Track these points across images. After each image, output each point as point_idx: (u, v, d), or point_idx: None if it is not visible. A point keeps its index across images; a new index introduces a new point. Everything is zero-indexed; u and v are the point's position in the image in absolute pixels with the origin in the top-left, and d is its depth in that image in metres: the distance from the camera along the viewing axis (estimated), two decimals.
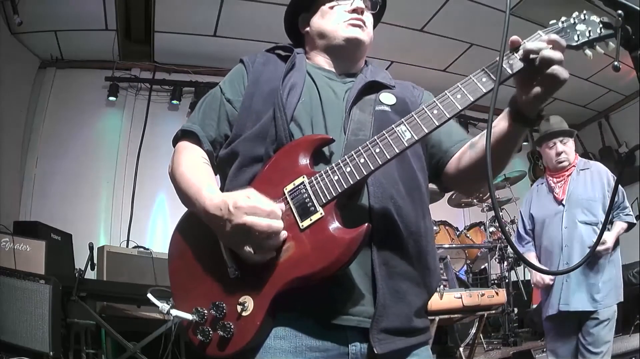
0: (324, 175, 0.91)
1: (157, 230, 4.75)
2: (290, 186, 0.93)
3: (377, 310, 0.92)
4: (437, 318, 2.74)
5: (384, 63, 5.49)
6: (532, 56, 0.90)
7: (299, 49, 1.21)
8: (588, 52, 0.94)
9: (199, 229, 0.98)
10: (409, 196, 1.02)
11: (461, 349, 3.06)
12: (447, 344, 3.35)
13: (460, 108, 0.94)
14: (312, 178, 0.92)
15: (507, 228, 4.45)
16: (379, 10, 1.24)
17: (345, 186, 0.90)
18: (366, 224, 0.85)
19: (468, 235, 4.40)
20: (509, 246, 3.91)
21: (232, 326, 0.89)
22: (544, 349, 2.92)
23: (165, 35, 4.71)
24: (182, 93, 5.13)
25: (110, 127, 5.00)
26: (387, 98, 1.10)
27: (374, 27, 1.25)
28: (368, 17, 1.18)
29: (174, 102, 5.12)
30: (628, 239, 5.63)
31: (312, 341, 0.92)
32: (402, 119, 0.93)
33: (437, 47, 5.08)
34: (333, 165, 0.92)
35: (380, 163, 0.90)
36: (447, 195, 4.43)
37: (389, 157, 0.90)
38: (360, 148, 0.92)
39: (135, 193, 4.73)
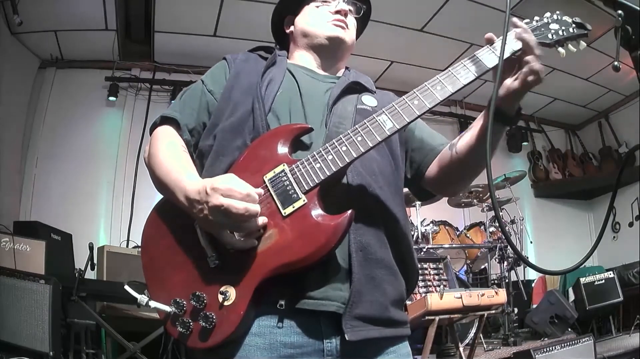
0: (305, 163, 0.91)
1: None
2: (270, 174, 0.92)
3: (351, 296, 0.91)
4: (437, 318, 2.74)
5: (384, 63, 5.50)
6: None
7: (281, 51, 1.24)
8: (561, 49, 0.99)
9: (173, 219, 0.97)
10: (387, 187, 1.03)
11: (461, 349, 3.05)
12: (447, 344, 3.35)
13: (440, 99, 0.95)
14: (294, 165, 0.92)
15: (507, 228, 4.45)
16: (363, 17, 1.28)
17: (328, 174, 0.90)
18: (350, 210, 0.85)
19: (468, 235, 4.40)
20: (509, 246, 3.91)
21: (214, 316, 0.86)
22: (544, 349, 2.92)
23: (165, 35, 4.71)
24: None
25: (110, 127, 5.00)
26: (368, 100, 1.13)
27: (359, 33, 1.28)
28: (351, 20, 1.21)
29: (174, 102, 5.11)
30: (628, 239, 5.66)
31: (286, 338, 0.90)
32: (383, 109, 0.95)
33: (437, 47, 5.07)
34: (314, 153, 0.92)
35: (362, 151, 0.91)
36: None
37: (370, 145, 0.91)
38: (341, 136, 0.92)
39: (135, 193, 4.73)
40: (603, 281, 4.12)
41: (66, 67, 4.96)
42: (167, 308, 0.89)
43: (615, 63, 0.85)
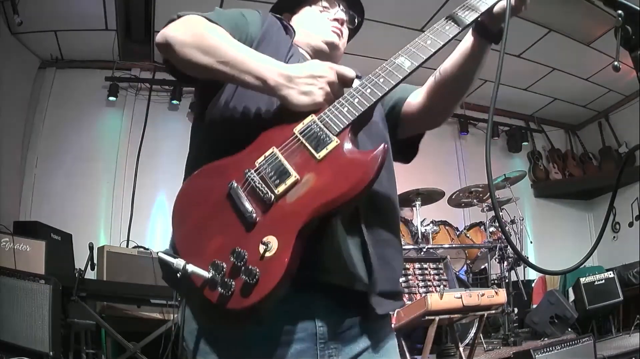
0: (333, 109, 0.93)
1: (157, 230, 4.76)
2: (299, 126, 0.92)
3: (372, 274, 0.95)
4: (437, 318, 2.74)
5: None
6: None
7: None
8: None
9: (203, 190, 0.93)
10: (385, 172, 1.04)
11: (461, 349, 3.05)
12: (447, 344, 3.35)
13: (450, 36, 1.00)
14: (322, 114, 0.93)
15: (507, 228, 4.45)
16: (354, 28, 1.36)
17: (356, 114, 0.91)
18: (383, 144, 0.86)
19: (468, 235, 4.40)
20: (509, 246, 3.91)
21: (257, 269, 0.81)
22: (544, 349, 2.92)
23: None
24: (182, 93, 5.13)
25: (110, 127, 5.00)
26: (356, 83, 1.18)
27: (347, 41, 1.36)
28: (345, 29, 1.29)
29: (174, 102, 5.12)
30: (628, 239, 5.66)
31: (282, 326, 0.91)
32: (399, 52, 1.00)
33: None
34: (340, 99, 0.94)
35: (386, 89, 0.94)
36: (447, 195, 4.43)
37: (393, 83, 0.95)
38: (364, 80, 0.95)
39: (135, 193, 4.73)
40: (603, 281, 4.12)
41: (66, 67, 4.96)
42: (205, 274, 0.84)
43: (615, 63, 0.85)
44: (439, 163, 5.95)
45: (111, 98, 4.90)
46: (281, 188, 0.87)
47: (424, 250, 3.73)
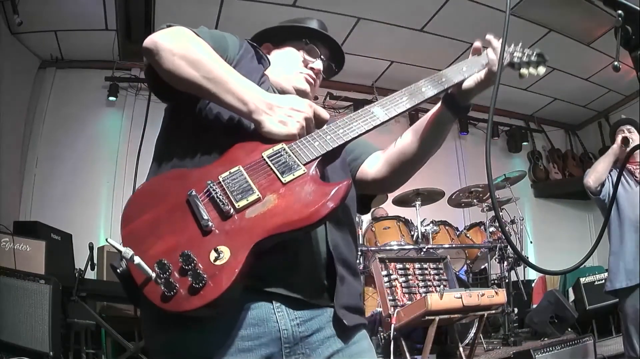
0: (304, 141, 0.96)
1: None
2: (269, 151, 0.95)
3: (337, 287, 1.00)
4: (437, 318, 2.74)
5: (384, 63, 5.50)
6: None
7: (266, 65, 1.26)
8: (523, 71, 1.26)
9: (158, 197, 0.93)
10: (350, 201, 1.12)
11: (461, 349, 3.05)
12: (447, 344, 3.35)
13: (425, 98, 1.10)
14: (292, 144, 0.96)
15: (507, 228, 4.45)
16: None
17: (326, 150, 0.96)
18: (349, 179, 0.94)
19: (468, 235, 4.40)
20: (509, 246, 3.91)
21: (205, 275, 0.81)
22: (544, 349, 2.92)
23: None
24: None
25: (110, 127, 5.00)
26: None
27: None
28: (319, 79, 1.30)
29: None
30: None
31: (243, 331, 0.91)
32: (375, 103, 1.05)
33: (437, 47, 5.08)
34: (312, 134, 0.98)
35: (358, 133, 1.00)
36: (447, 195, 4.43)
37: (366, 129, 1.01)
38: (338, 122, 1.01)
39: None
40: (603, 281, 4.11)
41: (66, 67, 4.96)
42: (149, 271, 0.82)
43: (615, 63, 0.85)
44: (439, 163, 5.95)
45: (111, 98, 4.90)
46: (242, 203, 0.88)
47: (424, 250, 3.73)
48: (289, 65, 1.25)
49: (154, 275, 0.82)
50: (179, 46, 0.98)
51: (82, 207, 4.60)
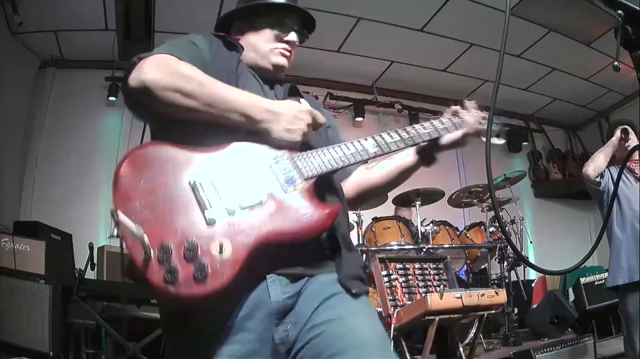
0: (306, 156, 1.05)
1: None
2: (273, 157, 1.03)
3: (342, 260, 1.07)
4: (437, 318, 2.74)
5: (384, 63, 5.50)
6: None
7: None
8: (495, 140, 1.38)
9: (161, 168, 0.94)
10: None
11: (461, 349, 3.05)
12: (447, 344, 3.35)
13: (415, 142, 1.22)
14: (294, 155, 1.04)
15: (507, 228, 4.45)
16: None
17: (326, 170, 1.05)
18: (339, 203, 1.04)
19: (468, 235, 4.40)
20: (509, 246, 3.91)
21: (208, 265, 0.84)
22: (544, 349, 2.92)
23: (165, 35, 4.70)
24: None
25: (110, 127, 5.00)
26: (304, 103, 1.25)
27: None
28: (295, 48, 1.31)
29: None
30: None
31: (242, 312, 0.95)
32: (372, 137, 1.14)
33: (437, 47, 5.08)
34: (313, 151, 1.06)
35: (351, 162, 1.09)
36: (447, 195, 4.43)
37: (357, 160, 1.10)
38: (336, 147, 1.09)
39: None
40: (603, 281, 4.11)
41: (66, 67, 4.96)
42: (152, 252, 0.83)
43: (615, 63, 0.85)
44: (439, 163, 5.91)
45: (111, 98, 4.90)
46: (246, 204, 0.94)
47: (424, 250, 3.73)
48: (263, 43, 1.26)
49: (155, 254, 0.83)
50: (168, 79, 0.98)
51: (82, 207, 4.60)
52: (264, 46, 1.25)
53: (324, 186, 1.09)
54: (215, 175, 0.95)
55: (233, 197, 0.94)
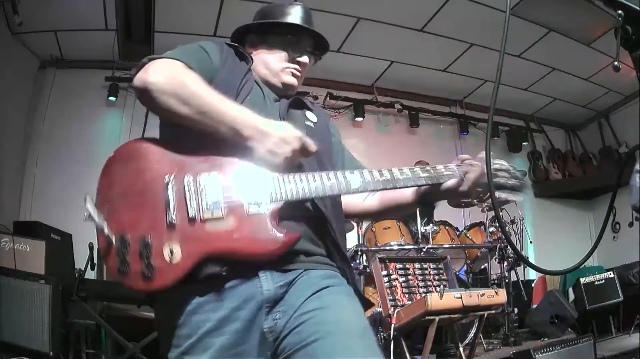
0: (281, 178, 1.05)
1: None
2: None
3: (335, 249, 1.14)
4: (437, 318, 2.74)
5: (384, 63, 5.50)
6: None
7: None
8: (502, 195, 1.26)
9: (145, 163, 1.02)
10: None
11: (461, 349, 3.05)
12: (447, 344, 3.35)
13: (401, 186, 1.16)
14: (272, 176, 1.05)
15: (507, 228, 4.45)
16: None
17: (295, 198, 1.04)
18: (299, 233, 1.03)
19: (468, 235, 4.40)
20: (509, 246, 3.91)
21: (155, 267, 0.94)
22: (544, 349, 2.92)
23: (165, 35, 4.70)
24: None
25: (110, 127, 5.00)
26: (311, 116, 1.32)
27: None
28: (306, 69, 1.34)
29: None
30: (628, 239, 5.66)
31: (234, 303, 1.00)
32: (356, 171, 1.12)
33: (437, 47, 5.08)
34: (288, 175, 1.05)
35: (328, 194, 1.08)
36: None
37: (335, 193, 1.10)
38: (317, 174, 1.08)
39: None
40: (603, 281, 4.12)
41: (66, 67, 4.95)
42: (114, 243, 0.95)
43: (615, 63, 0.85)
44: (439, 163, 5.93)
45: (111, 98, 4.89)
46: (207, 216, 0.98)
47: (424, 250, 3.73)
48: (276, 60, 1.28)
49: (115, 246, 0.95)
50: (168, 84, 1.01)
51: (82, 207, 4.57)
52: (276, 65, 1.28)
53: (296, 210, 1.09)
54: (189, 181, 1.00)
55: (198, 206, 0.98)
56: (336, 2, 4.36)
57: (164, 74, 1.03)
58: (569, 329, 4.01)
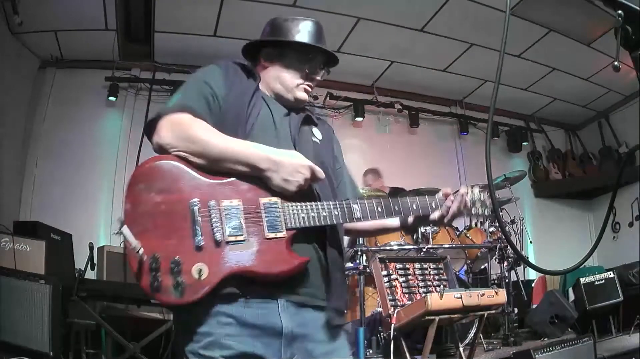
0: (296, 207, 1.18)
1: None
2: (266, 200, 1.16)
3: (330, 293, 1.22)
4: (437, 318, 2.74)
5: (384, 63, 5.50)
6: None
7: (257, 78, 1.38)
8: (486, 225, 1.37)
9: (170, 187, 1.11)
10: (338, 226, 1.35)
11: (461, 349, 3.05)
12: (447, 344, 3.35)
13: (397, 216, 1.34)
14: (285, 204, 1.17)
15: (507, 228, 4.44)
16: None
17: (306, 226, 1.17)
18: (308, 258, 1.16)
19: (468, 235, 4.40)
20: (509, 246, 3.91)
21: (185, 284, 1.04)
22: (544, 349, 2.91)
23: (165, 35, 4.71)
24: None
25: (110, 127, 5.00)
26: (317, 133, 1.42)
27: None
28: (315, 84, 1.42)
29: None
30: (628, 239, 5.66)
31: (253, 320, 1.12)
32: (359, 202, 1.27)
33: (437, 47, 5.08)
34: (302, 204, 1.19)
35: (334, 222, 1.22)
36: None
37: (339, 222, 1.23)
38: (325, 204, 1.21)
39: None
40: (603, 281, 4.11)
41: (66, 67, 4.96)
42: (147, 262, 1.04)
43: (615, 63, 0.85)
44: (439, 163, 5.95)
45: (111, 98, 4.90)
46: (231, 239, 1.10)
47: (424, 250, 3.72)
48: (291, 78, 1.36)
49: (149, 263, 1.04)
50: (182, 145, 1.14)
51: (82, 207, 4.60)
52: (291, 82, 1.36)
53: (305, 235, 1.20)
54: (213, 204, 1.11)
55: (223, 230, 1.09)
56: (336, 2, 4.36)
57: (174, 134, 1.15)
58: (569, 329, 4.01)
